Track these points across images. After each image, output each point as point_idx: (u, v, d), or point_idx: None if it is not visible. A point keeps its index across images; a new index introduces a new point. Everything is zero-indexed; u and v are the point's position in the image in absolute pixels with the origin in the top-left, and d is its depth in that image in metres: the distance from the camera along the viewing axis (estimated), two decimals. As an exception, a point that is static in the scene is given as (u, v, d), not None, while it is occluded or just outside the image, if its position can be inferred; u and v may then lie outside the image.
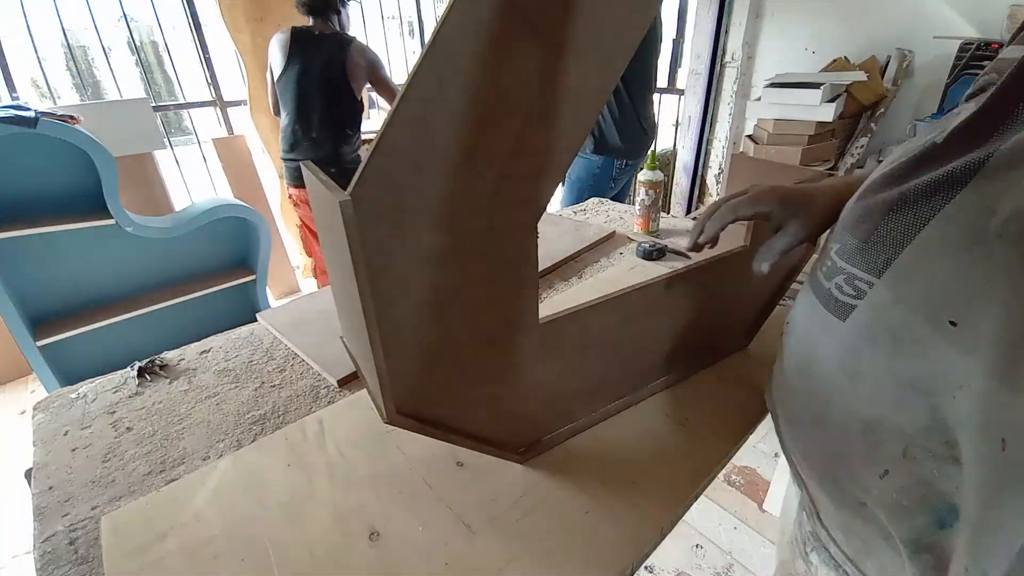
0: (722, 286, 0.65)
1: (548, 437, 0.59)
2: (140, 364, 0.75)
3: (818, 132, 2.20)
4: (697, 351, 0.70)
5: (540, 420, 0.57)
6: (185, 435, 0.64)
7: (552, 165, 0.41)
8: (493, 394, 0.50)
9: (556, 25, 0.35)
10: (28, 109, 1.35)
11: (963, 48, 1.86)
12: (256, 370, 0.76)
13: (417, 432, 0.47)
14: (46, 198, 1.51)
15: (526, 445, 0.57)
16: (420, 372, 0.44)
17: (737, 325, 0.74)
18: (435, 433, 0.48)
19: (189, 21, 2.33)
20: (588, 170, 1.90)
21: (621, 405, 0.64)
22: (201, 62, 2.42)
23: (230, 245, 1.92)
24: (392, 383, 0.42)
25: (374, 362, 0.40)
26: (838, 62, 2.35)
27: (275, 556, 0.47)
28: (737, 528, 1.39)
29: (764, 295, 0.73)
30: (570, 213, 1.39)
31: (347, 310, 0.45)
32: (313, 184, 0.40)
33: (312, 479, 0.56)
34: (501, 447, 0.55)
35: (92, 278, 1.65)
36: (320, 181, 0.37)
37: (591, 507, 0.51)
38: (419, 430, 0.47)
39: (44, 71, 2.09)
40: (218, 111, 2.54)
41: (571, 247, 1.10)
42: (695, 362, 0.71)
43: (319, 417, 0.65)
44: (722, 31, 2.71)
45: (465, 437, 0.51)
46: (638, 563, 0.48)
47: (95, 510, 0.54)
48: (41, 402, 0.70)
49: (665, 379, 0.68)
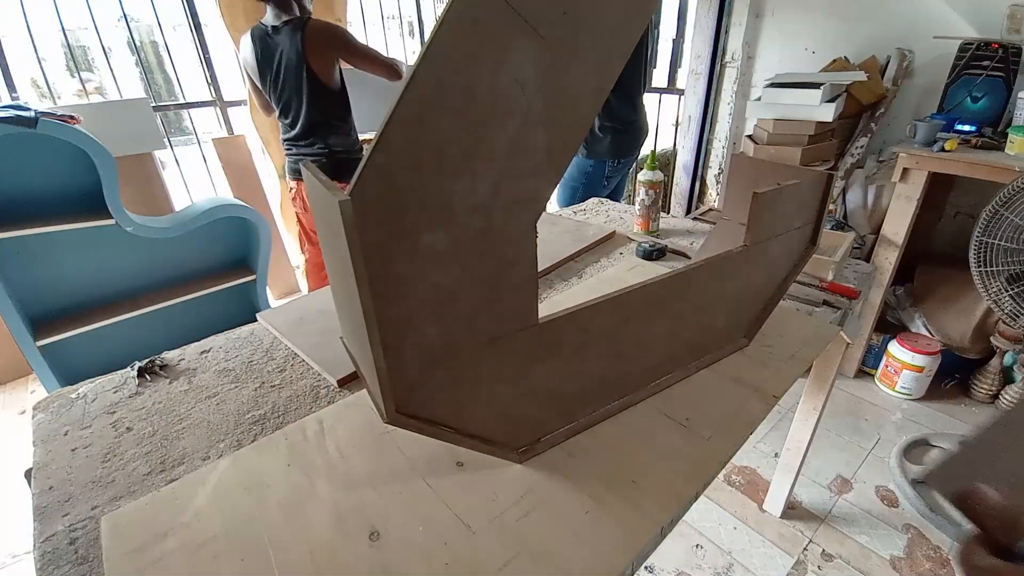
0: (721, 286, 0.65)
1: (547, 437, 0.59)
2: (140, 364, 0.75)
3: (818, 132, 2.20)
4: (697, 351, 0.70)
5: (539, 420, 0.57)
6: (185, 435, 0.64)
7: (551, 165, 0.41)
8: (492, 394, 0.50)
9: (554, 27, 0.35)
10: (28, 109, 1.35)
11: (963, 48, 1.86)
12: (256, 370, 0.76)
13: (417, 432, 0.47)
14: (46, 198, 1.51)
15: (526, 445, 0.57)
16: (420, 372, 0.44)
17: (736, 325, 0.74)
18: (435, 432, 0.48)
19: (189, 21, 2.33)
20: (581, 169, 1.91)
21: (620, 405, 0.64)
22: (201, 62, 2.42)
23: (230, 245, 1.92)
24: (392, 383, 0.42)
25: (374, 362, 0.40)
26: (838, 62, 2.35)
27: (275, 556, 0.47)
28: (737, 528, 1.39)
29: (764, 295, 0.73)
30: (570, 213, 1.39)
31: (347, 310, 0.45)
32: (312, 185, 0.40)
33: (312, 479, 0.56)
34: (500, 446, 0.55)
35: (92, 278, 1.65)
36: (320, 182, 0.37)
37: (591, 507, 0.51)
38: (419, 430, 0.47)
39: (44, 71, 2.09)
40: (218, 111, 2.54)
41: (571, 247, 1.10)
42: (695, 361, 0.71)
43: (319, 417, 0.65)
44: (722, 31, 2.71)
45: (465, 436, 0.51)
46: (638, 563, 0.48)
47: (95, 510, 0.54)
48: (41, 402, 0.70)
49: (665, 379, 0.68)
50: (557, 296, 0.93)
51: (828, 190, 0.68)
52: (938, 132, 1.81)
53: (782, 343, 0.78)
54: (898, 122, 2.36)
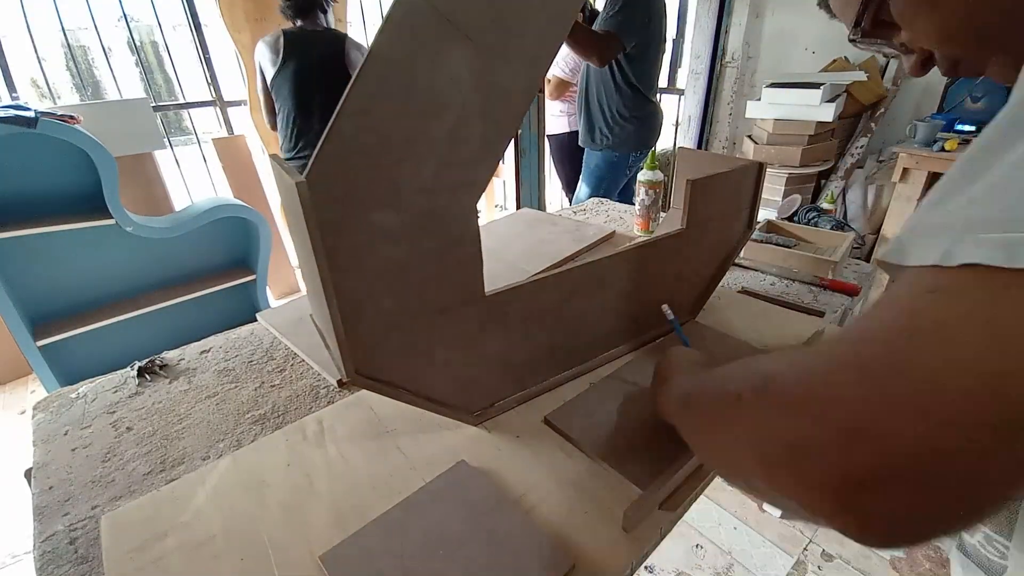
0: (662, 266, 0.70)
1: (501, 402, 0.63)
2: (140, 364, 0.75)
3: (818, 132, 2.20)
4: (644, 326, 0.75)
5: (492, 386, 0.62)
6: (185, 435, 0.64)
7: (488, 153, 0.46)
8: (446, 359, 0.54)
9: (484, 33, 0.40)
10: (28, 109, 1.35)
11: (963, 48, 1.86)
12: (256, 370, 0.76)
13: (375, 391, 0.50)
14: (46, 198, 1.51)
15: (480, 409, 0.62)
16: (376, 337, 0.48)
17: (681, 303, 0.79)
18: (393, 393, 0.51)
19: (189, 21, 2.32)
20: (607, 160, 2.00)
21: (572, 374, 0.69)
22: (201, 62, 2.42)
23: (230, 245, 1.92)
24: (350, 346, 0.46)
25: (334, 327, 0.44)
26: (838, 62, 2.35)
27: (275, 556, 0.47)
28: (737, 528, 1.39)
29: (704, 275, 0.79)
30: (570, 213, 1.39)
31: (311, 284, 0.48)
32: (277, 173, 0.45)
33: (312, 479, 0.56)
34: (456, 409, 0.59)
35: (92, 278, 1.65)
36: (284, 169, 0.42)
37: (591, 507, 0.51)
38: (377, 390, 0.50)
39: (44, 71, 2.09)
40: (218, 111, 2.54)
41: (571, 247, 1.10)
42: (644, 335, 0.76)
43: (319, 417, 0.65)
44: (722, 31, 2.71)
45: (422, 399, 0.55)
46: (638, 563, 0.48)
47: (95, 510, 0.54)
48: (41, 402, 0.70)
49: (616, 350, 0.73)
50: (557, 296, 0.93)
51: (760, 178, 0.74)
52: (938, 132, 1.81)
53: (782, 342, 0.78)
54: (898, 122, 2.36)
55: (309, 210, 0.38)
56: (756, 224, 0.80)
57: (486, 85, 0.43)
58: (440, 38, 0.39)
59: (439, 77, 0.40)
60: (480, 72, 0.42)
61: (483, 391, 0.61)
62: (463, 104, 0.42)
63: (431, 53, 0.39)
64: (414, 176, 0.43)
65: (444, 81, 0.40)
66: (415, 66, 0.39)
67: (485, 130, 0.45)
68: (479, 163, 0.46)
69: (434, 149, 0.43)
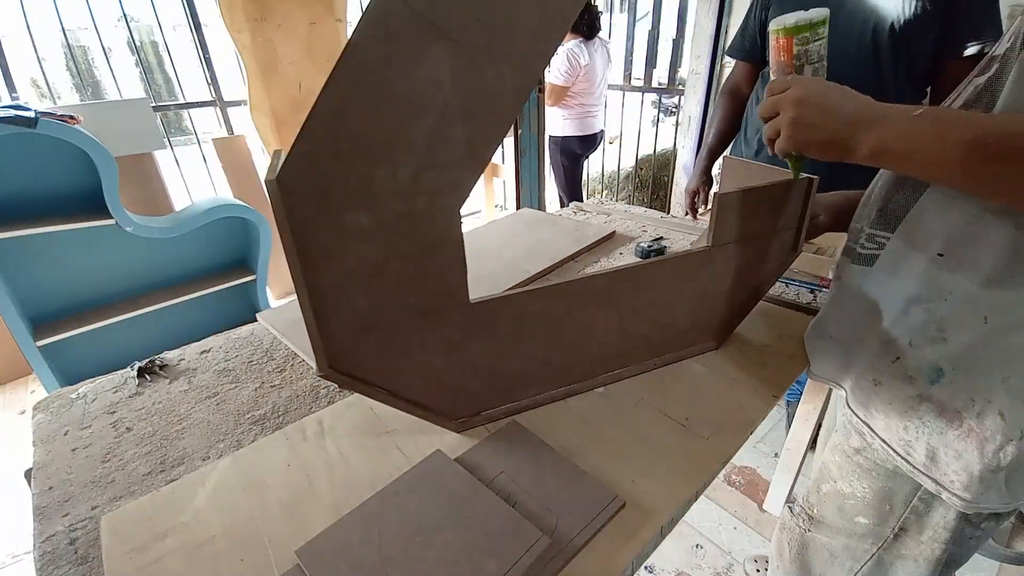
0: (679, 285, 0.64)
1: (487, 411, 0.61)
2: (140, 364, 0.75)
3: (818, 132, 2.20)
4: (655, 347, 0.69)
5: (477, 394, 0.60)
6: (185, 435, 0.64)
7: (473, 156, 0.45)
8: (427, 363, 0.53)
9: (468, 32, 0.39)
10: (28, 109, 1.35)
11: (963, 48, 1.86)
12: (256, 370, 0.76)
13: (351, 389, 0.50)
14: (46, 198, 1.51)
15: (464, 416, 0.60)
16: (351, 335, 0.47)
17: (703, 327, 0.72)
18: (369, 392, 0.51)
19: (189, 21, 2.32)
20: None
21: (568, 391, 0.66)
22: (201, 62, 2.41)
23: (230, 245, 1.92)
24: (324, 341, 0.46)
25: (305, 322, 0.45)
26: (838, 62, 2.35)
27: (275, 556, 0.47)
28: (737, 528, 1.39)
29: (735, 300, 0.71)
30: (570, 213, 1.39)
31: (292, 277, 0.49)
32: None
33: (312, 479, 0.56)
34: (437, 414, 0.58)
35: (92, 278, 1.65)
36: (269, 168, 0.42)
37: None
38: (352, 387, 0.50)
39: (44, 71, 2.09)
40: (218, 111, 2.54)
41: (571, 247, 1.10)
42: (654, 358, 0.71)
43: (319, 417, 0.65)
44: (722, 31, 2.71)
45: (400, 400, 0.54)
46: (638, 563, 0.48)
47: (95, 510, 0.54)
48: (41, 402, 0.70)
49: (619, 371, 0.68)
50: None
51: (810, 195, 0.64)
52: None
53: (782, 342, 0.78)
54: (898, 122, 2.36)
55: (279, 208, 0.39)
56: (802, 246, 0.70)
57: (471, 86, 0.41)
58: (418, 38, 0.38)
59: (418, 78, 0.39)
60: (464, 73, 0.40)
61: (467, 399, 0.60)
62: (445, 105, 0.41)
63: (408, 54, 0.38)
64: (391, 179, 0.42)
65: (423, 82, 0.39)
66: (391, 67, 0.38)
67: (470, 132, 0.43)
68: (463, 166, 0.44)
69: (413, 151, 0.42)
